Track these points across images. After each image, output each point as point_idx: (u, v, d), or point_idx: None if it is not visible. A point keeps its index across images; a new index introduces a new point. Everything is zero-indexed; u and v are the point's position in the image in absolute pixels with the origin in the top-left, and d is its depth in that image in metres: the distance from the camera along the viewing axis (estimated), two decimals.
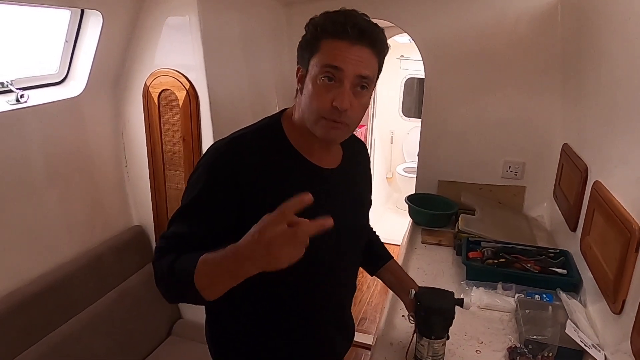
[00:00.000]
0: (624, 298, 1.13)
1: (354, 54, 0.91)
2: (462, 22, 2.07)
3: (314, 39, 0.94)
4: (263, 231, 0.75)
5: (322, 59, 0.92)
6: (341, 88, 0.92)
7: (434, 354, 1.13)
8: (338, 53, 0.91)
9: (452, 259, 1.78)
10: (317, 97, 0.93)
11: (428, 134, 2.26)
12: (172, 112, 2.03)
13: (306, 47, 0.96)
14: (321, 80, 0.92)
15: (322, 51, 0.92)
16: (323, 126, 0.95)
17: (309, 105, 0.95)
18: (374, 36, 0.93)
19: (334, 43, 0.91)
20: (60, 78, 1.94)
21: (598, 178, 1.43)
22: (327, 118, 0.94)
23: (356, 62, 0.92)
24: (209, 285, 0.84)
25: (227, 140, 1.00)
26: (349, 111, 0.93)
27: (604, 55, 1.45)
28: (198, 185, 0.96)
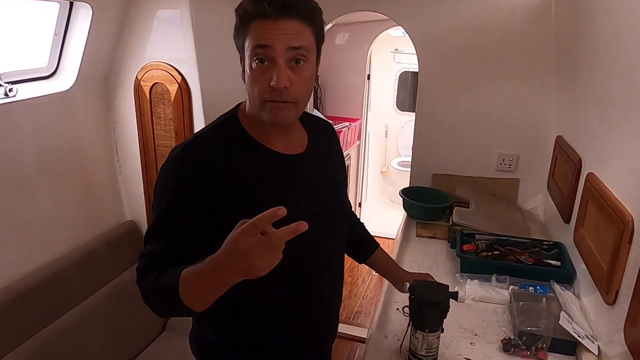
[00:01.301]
0: (617, 289, 1.13)
1: (280, 29, 0.88)
2: (456, 15, 2.06)
3: (242, 24, 0.91)
4: (237, 242, 0.75)
5: (250, 41, 0.90)
6: (275, 66, 0.89)
7: (428, 347, 1.13)
8: (263, 32, 0.88)
9: (447, 252, 1.78)
10: (255, 81, 0.91)
11: (422, 128, 2.26)
12: (164, 105, 2.02)
13: (238, 34, 0.94)
14: (255, 63, 0.90)
15: (250, 34, 0.90)
16: (268, 110, 0.92)
17: (251, 91, 0.93)
18: (298, 5, 0.89)
19: (259, 23, 0.89)
20: (50, 72, 1.92)
21: (592, 170, 1.43)
22: (269, 100, 0.91)
23: (284, 36, 0.88)
24: (196, 298, 0.85)
25: (184, 145, 0.97)
26: (290, 88, 0.90)
27: (597, 47, 1.44)
28: (165, 196, 0.94)
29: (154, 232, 0.95)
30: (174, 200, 0.93)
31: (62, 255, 1.94)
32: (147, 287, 0.91)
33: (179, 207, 0.93)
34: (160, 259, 0.92)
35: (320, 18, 0.95)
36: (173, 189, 0.93)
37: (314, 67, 0.96)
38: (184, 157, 0.94)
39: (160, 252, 0.93)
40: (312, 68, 0.95)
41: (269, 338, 1.06)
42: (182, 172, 0.93)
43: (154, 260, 0.93)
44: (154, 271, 0.91)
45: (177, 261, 0.89)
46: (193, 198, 0.92)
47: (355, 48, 3.81)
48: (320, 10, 0.95)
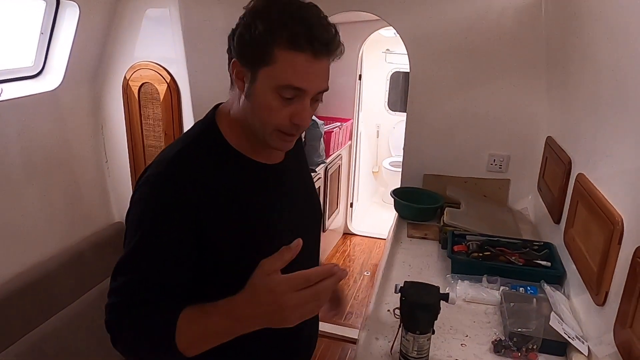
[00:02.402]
0: (607, 290, 1.14)
1: (316, 70, 0.82)
2: (447, 16, 2.06)
3: (266, 45, 0.80)
4: (283, 294, 0.71)
5: (281, 75, 0.80)
6: (302, 105, 0.84)
7: (419, 348, 1.12)
8: (299, 71, 0.80)
9: (438, 253, 1.78)
10: (274, 112, 0.84)
11: (413, 128, 2.26)
12: (153, 105, 1.99)
13: (254, 51, 0.82)
14: (279, 96, 0.82)
15: (280, 65, 0.80)
16: (279, 139, 0.88)
17: (262, 117, 0.85)
18: (335, 46, 0.83)
19: (293, 56, 0.79)
20: (36, 71, 1.89)
21: (581, 171, 1.43)
22: (284, 132, 0.86)
23: (318, 79, 0.83)
24: (195, 344, 0.78)
25: (165, 165, 0.86)
26: (308, 125, 0.88)
27: (587, 48, 1.45)
28: (147, 219, 0.82)
29: (134, 261, 0.82)
30: (161, 222, 0.82)
31: (50, 257, 1.91)
32: (126, 326, 0.79)
33: (166, 230, 0.82)
34: (143, 290, 0.80)
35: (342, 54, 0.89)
36: (159, 210, 0.82)
37: None
38: (169, 176, 0.84)
39: (144, 283, 0.80)
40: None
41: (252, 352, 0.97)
42: (168, 192, 0.82)
43: (134, 293, 0.80)
44: (136, 307, 0.79)
45: (163, 293, 0.79)
46: (182, 218, 0.82)
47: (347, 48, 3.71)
48: (344, 46, 0.88)
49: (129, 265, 0.82)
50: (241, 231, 0.88)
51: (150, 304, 0.79)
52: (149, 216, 0.82)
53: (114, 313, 0.82)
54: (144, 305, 0.79)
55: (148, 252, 0.82)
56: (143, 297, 0.80)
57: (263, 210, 0.92)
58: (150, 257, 0.82)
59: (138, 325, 0.80)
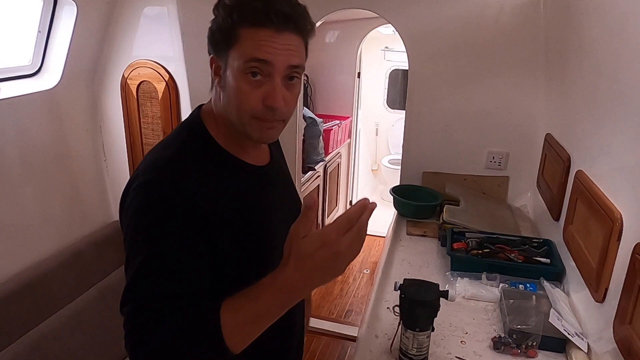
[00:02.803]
0: (606, 286, 1.14)
1: (281, 43, 0.80)
2: (445, 13, 2.06)
3: (230, 28, 0.81)
4: (335, 242, 0.68)
5: (244, 51, 0.80)
6: (272, 83, 0.81)
7: (418, 345, 1.12)
8: (263, 44, 0.79)
9: (437, 250, 1.78)
10: (245, 95, 0.82)
11: (412, 126, 2.25)
12: (151, 104, 1.99)
13: (221, 37, 0.83)
14: (247, 76, 0.81)
15: (243, 42, 0.80)
16: (257, 128, 0.85)
17: (236, 105, 0.84)
18: (301, 20, 0.82)
19: (255, 32, 0.79)
20: (34, 70, 1.88)
21: (580, 167, 1.43)
22: (260, 118, 0.84)
23: (285, 52, 0.81)
24: (247, 334, 0.73)
25: (162, 169, 0.82)
26: (283, 107, 0.84)
27: (585, 45, 1.45)
28: (156, 233, 0.77)
29: (152, 275, 0.76)
30: (172, 229, 0.78)
31: (48, 256, 1.91)
32: (163, 338, 0.72)
33: (179, 236, 0.78)
34: (171, 300, 0.75)
35: (313, 33, 0.88)
36: (167, 217, 0.78)
37: (301, 83, 0.91)
38: (170, 181, 0.80)
39: (170, 293, 0.75)
40: (301, 84, 0.90)
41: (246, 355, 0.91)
42: (173, 197, 0.79)
43: (162, 305, 0.74)
44: (168, 315, 0.73)
45: (191, 301, 0.75)
46: (192, 222, 0.79)
47: (346, 46, 3.80)
48: (314, 26, 0.88)
49: (148, 281, 0.76)
50: (241, 233, 0.87)
51: (182, 310, 0.74)
52: (157, 224, 0.78)
53: (144, 332, 0.73)
54: (177, 312, 0.74)
55: (166, 262, 0.77)
56: (173, 306, 0.74)
57: (258, 211, 0.92)
58: (169, 267, 0.77)
59: (177, 331, 0.73)
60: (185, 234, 0.79)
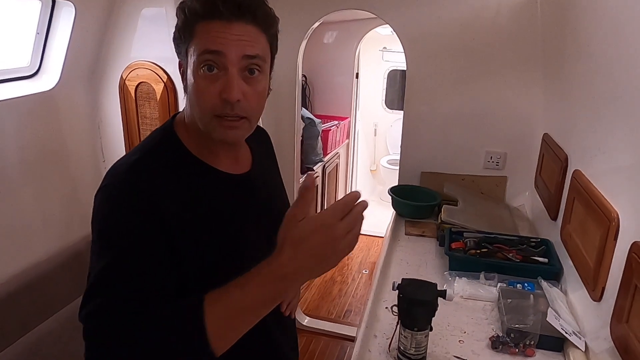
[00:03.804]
0: (603, 285, 1.14)
1: (234, 33, 0.78)
2: (443, 13, 2.07)
3: (186, 25, 0.81)
4: (332, 227, 0.66)
5: (197, 45, 0.79)
6: (226, 76, 0.79)
7: (417, 345, 1.13)
8: (214, 35, 0.78)
9: (435, 250, 1.78)
10: (201, 92, 0.80)
11: (410, 126, 2.26)
12: (149, 105, 1.99)
13: (180, 36, 0.83)
14: (202, 71, 0.79)
15: (197, 37, 0.79)
16: (218, 126, 0.82)
17: (195, 103, 0.82)
18: (255, 9, 0.80)
19: (208, 25, 0.78)
20: (33, 71, 1.88)
21: (578, 167, 1.44)
22: (220, 116, 0.81)
23: (238, 42, 0.79)
24: (230, 331, 0.70)
25: (123, 174, 0.81)
26: (242, 102, 0.80)
27: (582, 45, 1.45)
28: (115, 236, 0.76)
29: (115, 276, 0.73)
30: (131, 231, 0.76)
31: (46, 258, 1.91)
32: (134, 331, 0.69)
33: (138, 238, 0.76)
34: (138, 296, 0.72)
35: (276, 26, 0.87)
36: (125, 220, 0.76)
37: (267, 79, 0.88)
38: (130, 185, 0.79)
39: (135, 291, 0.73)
40: (266, 80, 0.87)
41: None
42: (132, 201, 0.77)
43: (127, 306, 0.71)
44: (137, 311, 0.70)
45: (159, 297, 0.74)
46: (151, 225, 0.77)
47: (344, 46, 3.81)
48: (277, 19, 0.87)
49: (109, 281, 0.73)
50: (205, 240, 0.85)
51: (160, 304, 0.72)
52: (117, 228, 0.77)
53: (108, 327, 0.70)
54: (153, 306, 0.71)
55: (129, 262, 0.75)
56: (139, 304, 0.71)
57: (229, 219, 0.89)
58: (130, 269, 0.74)
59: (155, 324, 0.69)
60: (143, 236, 0.77)
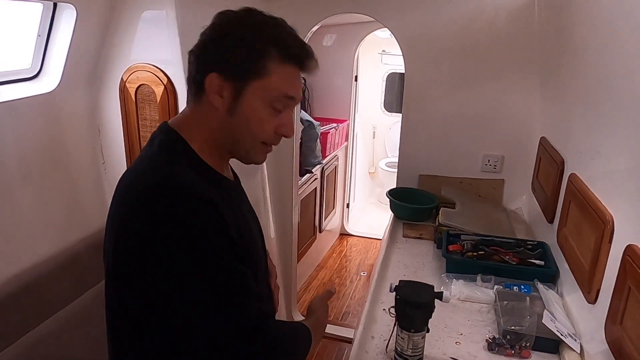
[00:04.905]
0: (598, 288, 1.15)
1: (301, 81, 0.89)
2: (441, 18, 2.08)
3: (259, 59, 0.82)
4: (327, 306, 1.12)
5: (275, 87, 0.83)
6: (287, 115, 0.88)
7: (414, 346, 1.14)
8: (295, 82, 0.86)
9: (433, 252, 1.80)
10: (264, 123, 0.86)
11: (408, 129, 2.27)
12: (149, 107, 2.00)
13: (248, 64, 0.82)
14: (271, 108, 0.85)
15: (274, 77, 0.83)
16: (261, 152, 0.91)
17: (249, 131, 0.86)
18: (316, 61, 0.89)
19: (286, 69, 0.84)
20: (34, 73, 1.89)
21: (574, 170, 1.45)
22: (268, 144, 0.90)
23: (300, 89, 0.89)
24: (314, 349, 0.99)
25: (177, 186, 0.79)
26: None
27: (579, 50, 1.47)
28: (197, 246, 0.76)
29: (246, 300, 0.80)
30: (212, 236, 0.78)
31: (46, 259, 1.91)
32: (281, 335, 0.87)
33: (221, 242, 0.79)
34: (258, 308, 0.82)
35: None
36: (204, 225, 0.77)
37: None
38: (194, 198, 0.78)
39: (251, 300, 0.82)
40: None
41: None
42: (204, 215, 0.78)
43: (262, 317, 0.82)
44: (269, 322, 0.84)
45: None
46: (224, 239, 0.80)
47: (343, 49, 3.82)
48: None
49: (223, 304, 0.77)
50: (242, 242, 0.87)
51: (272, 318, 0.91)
52: (199, 235, 0.76)
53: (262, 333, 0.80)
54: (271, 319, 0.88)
55: (230, 280, 0.79)
56: (264, 313, 0.84)
57: (246, 225, 0.95)
58: (233, 282, 0.79)
59: (288, 335, 0.91)
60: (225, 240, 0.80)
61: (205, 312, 0.76)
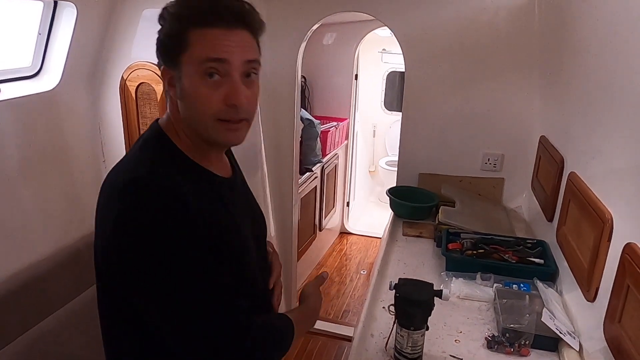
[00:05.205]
0: (597, 286, 1.16)
1: (234, 39, 0.81)
2: (441, 16, 2.08)
3: (179, 33, 0.80)
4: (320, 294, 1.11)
5: (198, 53, 0.80)
6: (231, 82, 0.81)
7: (413, 344, 1.14)
8: (217, 43, 0.79)
9: (433, 251, 1.80)
10: (206, 98, 0.81)
11: (408, 127, 2.27)
12: (150, 105, 2.00)
13: (171, 44, 0.82)
14: (204, 78, 0.80)
15: (195, 45, 0.80)
16: (223, 130, 0.84)
17: (198, 110, 0.83)
18: (250, 16, 0.83)
19: (206, 33, 0.80)
20: (34, 71, 1.89)
21: (573, 169, 1.46)
22: (224, 120, 0.83)
23: (238, 48, 0.81)
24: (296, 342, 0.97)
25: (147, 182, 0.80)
26: (245, 105, 0.83)
27: (579, 48, 1.47)
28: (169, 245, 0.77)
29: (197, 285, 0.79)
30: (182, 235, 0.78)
31: (46, 257, 1.92)
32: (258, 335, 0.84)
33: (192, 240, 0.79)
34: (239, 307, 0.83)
35: (263, 32, 0.89)
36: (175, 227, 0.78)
37: (259, 80, 0.90)
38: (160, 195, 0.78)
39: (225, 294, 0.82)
40: (259, 81, 0.89)
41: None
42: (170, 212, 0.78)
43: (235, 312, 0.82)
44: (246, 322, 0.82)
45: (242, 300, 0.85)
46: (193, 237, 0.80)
47: (343, 48, 3.82)
48: (264, 24, 0.89)
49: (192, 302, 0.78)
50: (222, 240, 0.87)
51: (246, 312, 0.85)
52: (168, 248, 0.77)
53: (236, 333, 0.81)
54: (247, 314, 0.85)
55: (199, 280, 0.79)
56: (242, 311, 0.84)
57: (230, 223, 0.93)
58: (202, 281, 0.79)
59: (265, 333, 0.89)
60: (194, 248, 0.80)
61: (162, 304, 0.79)
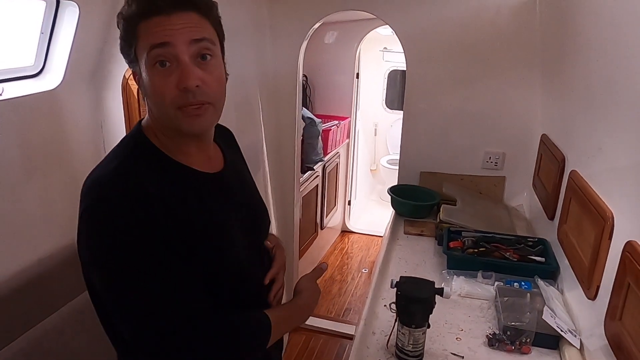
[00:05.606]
0: (598, 284, 1.16)
1: (176, 22, 0.79)
2: (442, 14, 2.08)
3: (128, 30, 0.82)
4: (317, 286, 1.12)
5: (144, 44, 0.80)
6: (180, 65, 0.80)
7: (414, 342, 1.15)
8: (157, 29, 0.79)
9: (434, 249, 1.80)
10: (160, 88, 0.81)
11: (410, 126, 2.28)
12: None
13: (125, 44, 0.83)
14: (155, 68, 0.80)
15: (140, 37, 0.80)
16: (184, 117, 0.83)
17: (156, 101, 0.83)
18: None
19: (148, 23, 0.79)
20: (37, 70, 1.90)
21: (575, 167, 1.46)
22: (182, 106, 0.82)
23: (182, 29, 0.79)
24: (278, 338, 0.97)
25: (109, 185, 0.82)
26: (201, 87, 0.81)
27: (580, 46, 1.47)
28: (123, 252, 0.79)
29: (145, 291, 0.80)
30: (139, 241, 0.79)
31: (49, 255, 1.92)
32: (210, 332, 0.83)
33: (148, 246, 0.79)
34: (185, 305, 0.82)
35: (216, 10, 0.87)
36: (129, 233, 0.79)
37: (222, 63, 0.88)
38: (123, 192, 0.80)
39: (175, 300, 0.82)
40: (220, 64, 0.87)
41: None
42: (127, 210, 0.79)
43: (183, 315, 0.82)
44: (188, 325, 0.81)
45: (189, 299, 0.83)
46: (152, 231, 0.80)
47: (344, 47, 3.82)
48: (215, 3, 0.87)
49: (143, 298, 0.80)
50: (195, 239, 0.87)
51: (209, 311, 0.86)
52: (122, 244, 0.79)
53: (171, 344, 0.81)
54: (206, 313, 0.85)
55: (152, 276, 0.80)
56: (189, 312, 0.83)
57: (210, 221, 0.91)
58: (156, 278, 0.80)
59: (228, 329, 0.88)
60: (153, 244, 0.80)
61: (115, 298, 0.84)
